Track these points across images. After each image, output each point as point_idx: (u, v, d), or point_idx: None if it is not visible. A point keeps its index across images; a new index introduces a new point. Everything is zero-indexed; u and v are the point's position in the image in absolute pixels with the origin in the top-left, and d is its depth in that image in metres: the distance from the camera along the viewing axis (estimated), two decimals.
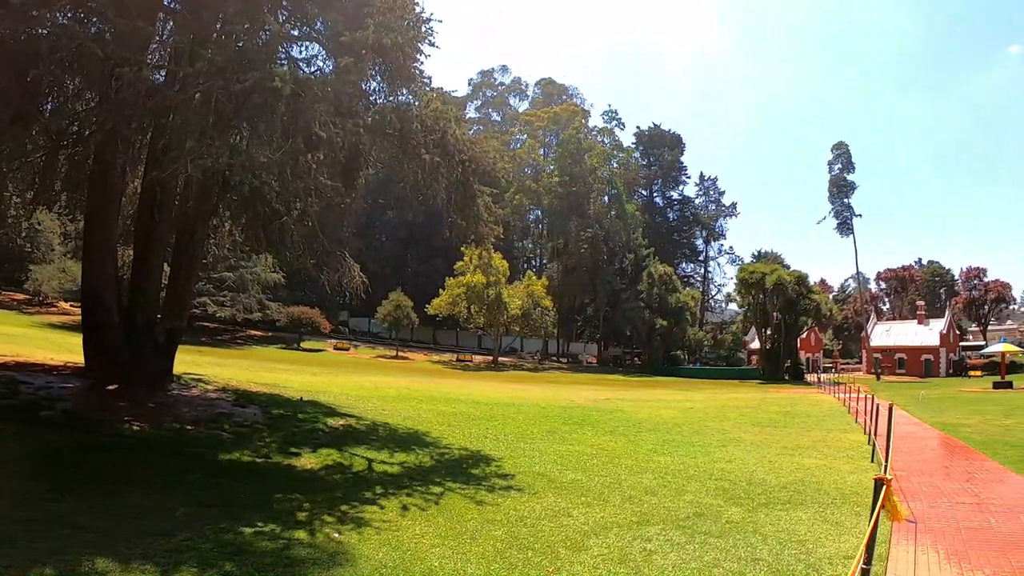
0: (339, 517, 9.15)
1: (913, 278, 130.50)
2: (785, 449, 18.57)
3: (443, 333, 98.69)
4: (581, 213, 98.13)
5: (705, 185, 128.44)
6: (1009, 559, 8.60)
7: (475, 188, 19.07)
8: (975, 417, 30.29)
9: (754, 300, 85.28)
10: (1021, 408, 33.86)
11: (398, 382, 36.01)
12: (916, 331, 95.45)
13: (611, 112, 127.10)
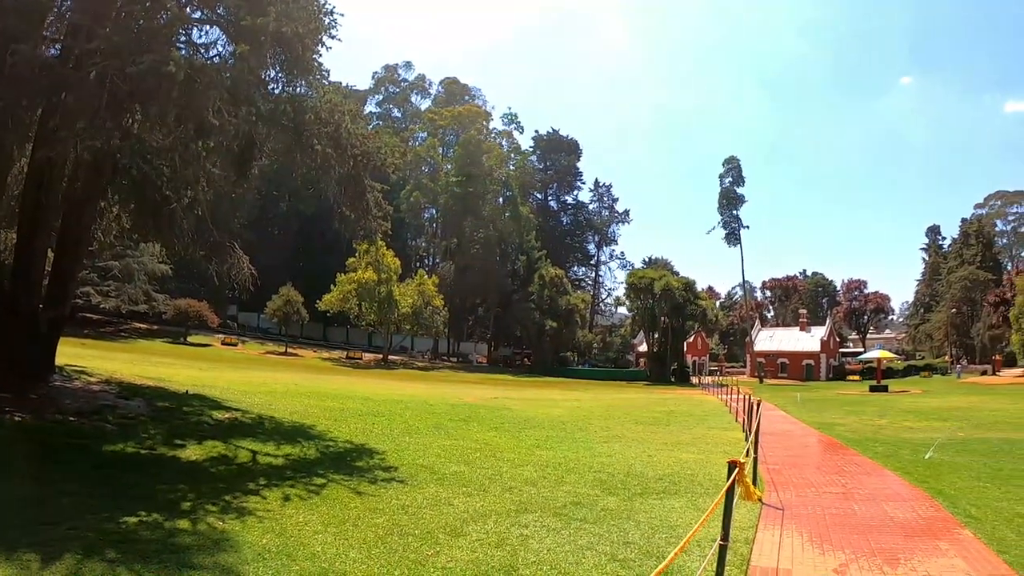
0: (223, 506, 9.17)
1: (797, 288, 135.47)
2: (665, 445, 19.22)
3: (333, 330, 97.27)
4: (476, 213, 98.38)
5: (599, 191, 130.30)
6: (868, 540, 9.32)
7: (366, 183, 19.02)
8: (851, 417, 31.72)
9: (643, 304, 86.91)
10: (894, 410, 35.60)
11: (286, 378, 35.64)
12: (799, 337, 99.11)
13: (511, 115, 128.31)
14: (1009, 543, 9.12)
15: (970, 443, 21.05)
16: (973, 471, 15.40)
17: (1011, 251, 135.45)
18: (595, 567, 7.70)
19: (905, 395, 52.57)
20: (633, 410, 33.01)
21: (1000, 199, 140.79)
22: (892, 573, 7.96)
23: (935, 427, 26.78)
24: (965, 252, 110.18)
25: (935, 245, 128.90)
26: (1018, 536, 9.51)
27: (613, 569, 7.67)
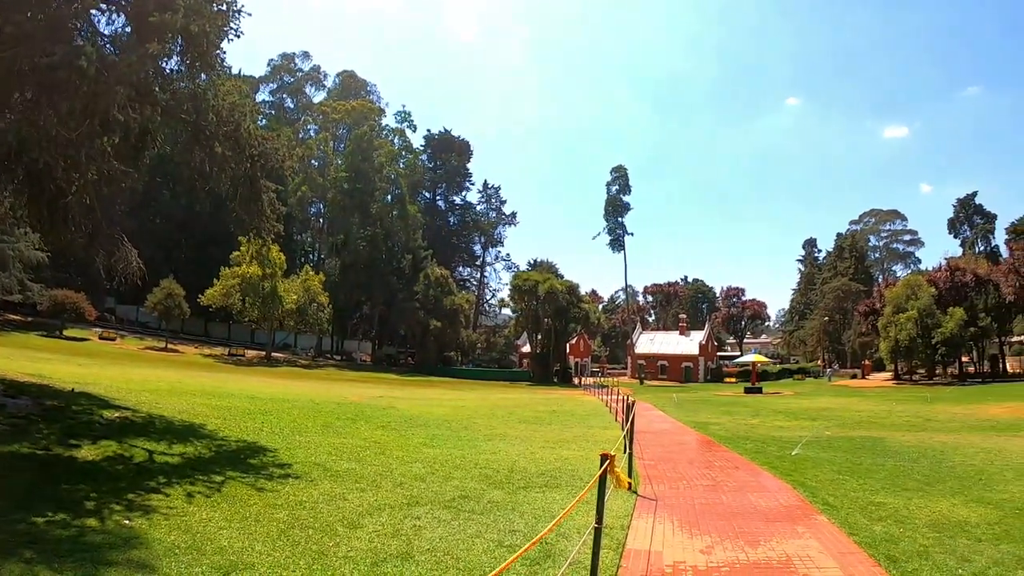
0: (127, 505, 9.36)
1: (678, 293, 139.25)
2: (547, 443, 20.01)
3: (215, 325, 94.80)
4: (364, 211, 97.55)
5: (488, 193, 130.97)
6: (733, 525, 10.44)
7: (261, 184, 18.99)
8: (725, 417, 33.12)
9: (527, 306, 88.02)
10: (766, 410, 37.28)
11: (169, 375, 35.09)
12: (678, 341, 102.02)
13: (404, 113, 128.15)
14: (860, 527, 10.37)
15: (835, 441, 22.64)
16: (835, 465, 16.78)
17: (882, 265, 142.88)
18: (484, 551, 8.40)
19: (778, 396, 54.96)
20: (516, 409, 33.73)
21: (874, 216, 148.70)
22: (752, 552, 9.03)
23: (804, 426, 28.47)
24: (839, 264, 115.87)
25: (811, 257, 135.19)
26: (869, 521, 10.78)
27: (501, 553, 8.37)
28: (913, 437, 24.09)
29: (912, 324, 70.05)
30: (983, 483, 14.82)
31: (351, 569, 7.54)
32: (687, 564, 8.56)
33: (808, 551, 9.09)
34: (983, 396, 47.25)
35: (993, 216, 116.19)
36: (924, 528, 10.41)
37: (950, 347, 70.83)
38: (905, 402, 44.92)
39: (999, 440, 22.93)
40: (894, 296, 75.74)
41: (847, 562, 8.63)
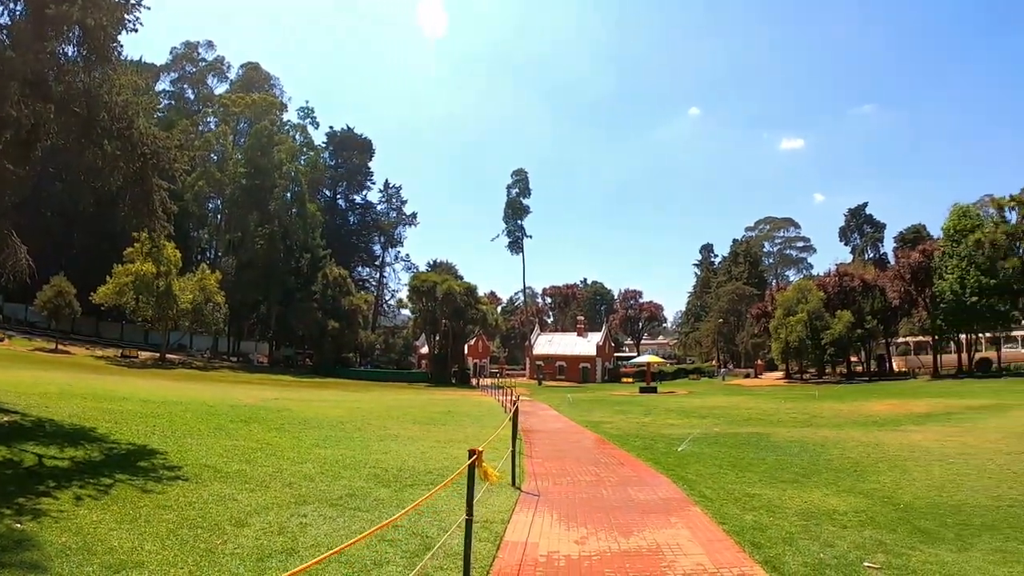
0: (17, 509, 9.31)
1: (576, 295, 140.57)
2: (439, 443, 20.30)
3: (107, 325, 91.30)
4: (262, 208, 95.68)
5: (389, 192, 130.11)
6: (610, 517, 11.00)
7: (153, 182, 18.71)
8: (618, 416, 33.82)
9: (425, 307, 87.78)
10: (659, 409, 38.16)
11: (60, 378, 34.05)
12: (576, 342, 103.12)
13: (307, 109, 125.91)
14: (731, 516, 11.07)
15: (722, 437, 23.51)
16: (717, 460, 17.56)
17: (776, 270, 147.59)
18: (366, 546, 8.64)
19: (672, 396, 56.11)
20: (412, 410, 33.87)
21: (769, 224, 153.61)
22: (624, 541, 9.59)
23: (694, 423, 29.36)
24: (734, 269, 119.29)
25: (708, 261, 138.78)
26: (741, 511, 11.49)
27: (382, 548, 8.71)
28: (797, 433, 25.14)
29: (802, 326, 73.30)
30: (856, 474, 15.76)
31: (237, 565, 7.74)
32: (560, 554, 9.05)
33: (678, 539, 9.69)
34: (868, 393, 49.18)
35: (882, 225, 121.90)
36: (793, 517, 11.15)
37: (838, 348, 74.16)
38: (794, 400, 46.43)
39: (879, 434, 24.10)
40: (785, 300, 78.85)
41: (713, 548, 9.24)
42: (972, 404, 35.05)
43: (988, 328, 69.00)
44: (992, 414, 29.90)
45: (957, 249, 67.08)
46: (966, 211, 71.37)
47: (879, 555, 9.05)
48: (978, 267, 64.72)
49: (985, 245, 64.81)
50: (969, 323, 67.20)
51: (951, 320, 67.65)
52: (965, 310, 65.22)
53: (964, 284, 65.07)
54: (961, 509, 12.17)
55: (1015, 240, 65.90)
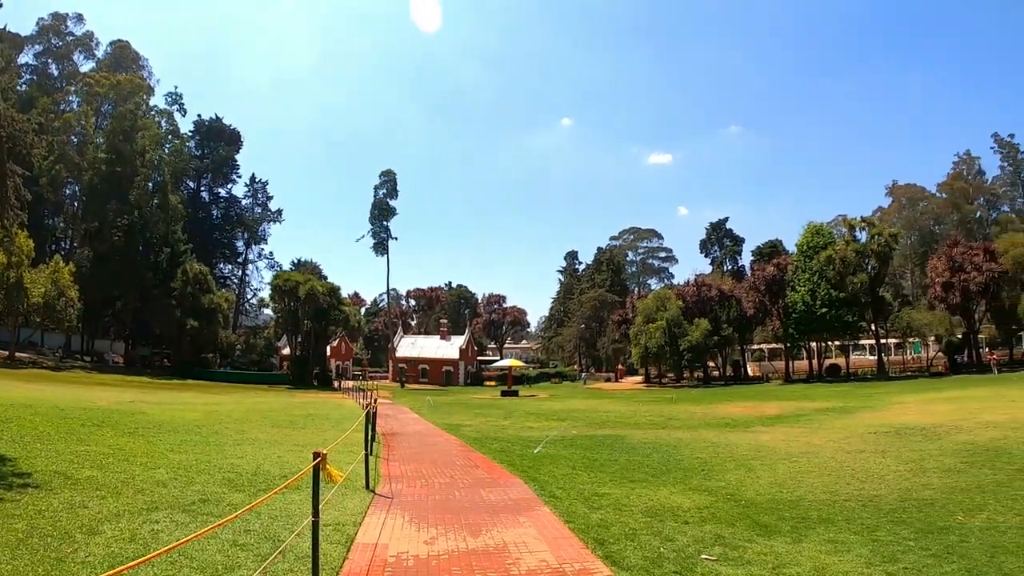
0: None
1: (440, 298, 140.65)
2: (297, 446, 20.12)
3: None
4: (122, 197, 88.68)
5: (255, 187, 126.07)
6: (460, 518, 11.23)
7: (8, 167, 18.06)
8: (478, 419, 34.13)
9: (287, 307, 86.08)
10: (519, 412, 38.60)
11: None
12: (439, 345, 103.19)
13: (176, 94, 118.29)
14: (578, 515, 11.41)
15: (579, 439, 24.08)
16: (572, 461, 18.02)
17: (638, 278, 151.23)
18: (218, 551, 8.61)
19: (533, 399, 56.82)
20: (271, 413, 33.35)
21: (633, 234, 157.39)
22: (473, 541, 9.84)
23: (552, 426, 29.89)
24: (597, 276, 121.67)
25: (572, 268, 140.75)
26: (589, 510, 11.89)
27: (234, 552, 8.67)
28: (652, 434, 25.96)
29: (661, 333, 76.16)
30: (704, 473, 16.46)
31: (88, 573, 7.59)
32: (410, 554, 9.21)
33: (525, 538, 10.00)
34: (723, 397, 51.09)
35: (741, 239, 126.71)
36: (639, 514, 11.61)
37: (696, 353, 77.55)
38: (651, 403, 47.77)
39: (730, 435, 25.15)
40: (645, 307, 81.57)
41: (558, 545, 9.57)
42: (820, 406, 36.87)
43: (837, 337, 73.97)
44: (838, 416, 31.51)
45: (810, 264, 72.86)
46: (819, 229, 76.68)
47: (716, 548, 9.56)
48: (828, 281, 70.01)
49: (836, 261, 70.04)
50: (819, 332, 72.09)
51: (802, 329, 72.47)
52: (815, 320, 70.12)
53: (815, 296, 70.31)
54: (799, 504, 12.92)
55: (864, 257, 71.19)
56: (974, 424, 23.54)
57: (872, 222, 79.11)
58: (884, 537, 10.43)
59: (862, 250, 72.04)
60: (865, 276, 70.74)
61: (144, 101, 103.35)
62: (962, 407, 30.43)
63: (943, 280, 67.64)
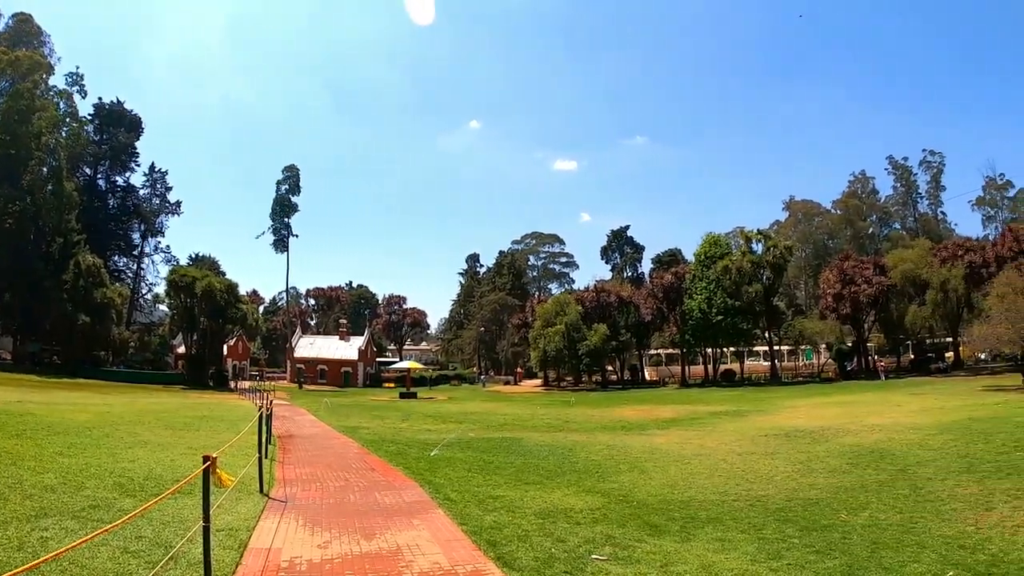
0: None
1: (340, 298, 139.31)
2: (191, 449, 19.62)
3: None
4: (14, 182, 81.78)
5: (154, 177, 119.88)
6: (354, 521, 11.15)
7: None
8: (376, 422, 33.94)
9: (183, 304, 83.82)
10: (417, 414, 38.61)
11: None
12: (338, 346, 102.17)
13: (77, 75, 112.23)
14: (472, 517, 11.45)
15: (476, 442, 24.14)
16: (467, 464, 18.08)
17: (539, 283, 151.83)
18: (109, 559, 8.35)
19: (432, 401, 56.75)
20: (165, 415, 32.45)
21: (535, 238, 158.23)
22: (367, 544, 9.78)
23: (450, 428, 29.92)
24: (498, 279, 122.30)
25: (473, 271, 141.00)
26: (482, 512, 11.94)
27: (125, 559, 8.40)
28: (549, 437, 26.19)
29: (560, 337, 77.14)
30: (598, 475, 16.68)
31: None
32: (303, 558, 9.11)
33: (418, 541, 9.98)
34: (620, 401, 51.87)
35: (642, 247, 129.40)
36: (532, 516, 11.70)
37: (594, 357, 78.84)
38: (549, 406, 48.20)
39: (625, 438, 25.54)
40: (545, 311, 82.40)
41: (451, 548, 9.58)
42: (714, 410, 37.77)
43: (732, 343, 76.36)
44: (731, 419, 32.31)
45: (707, 273, 75.63)
46: (717, 240, 79.41)
47: (607, 548, 9.69)
48: (725, 289, 72.78)
49: (732, 271, 72.74)
50: (714, 338, 74.44)
51: (698, 335, 74.78)
52: (711, 327, 72.41)
53: (711, 304, 72.83)
54: (689, 504, 13.21)
55: (759, 268, 73.85)
56: (860, 427, 24.46)
57: (768, 235, 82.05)
58: (770, 535, 10.76)
59: (758, 261, 74.77)
60: (760, 286, 73.49)
61: (43, 80, 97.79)
62: (850, 411, 31.59)
63: (834, 291, 71.22)
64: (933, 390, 42.77)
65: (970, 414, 26.12)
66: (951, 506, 12.29)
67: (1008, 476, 14.05)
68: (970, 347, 62.99)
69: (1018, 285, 42.01)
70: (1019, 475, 14.02)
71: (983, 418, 24.31)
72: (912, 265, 68.34)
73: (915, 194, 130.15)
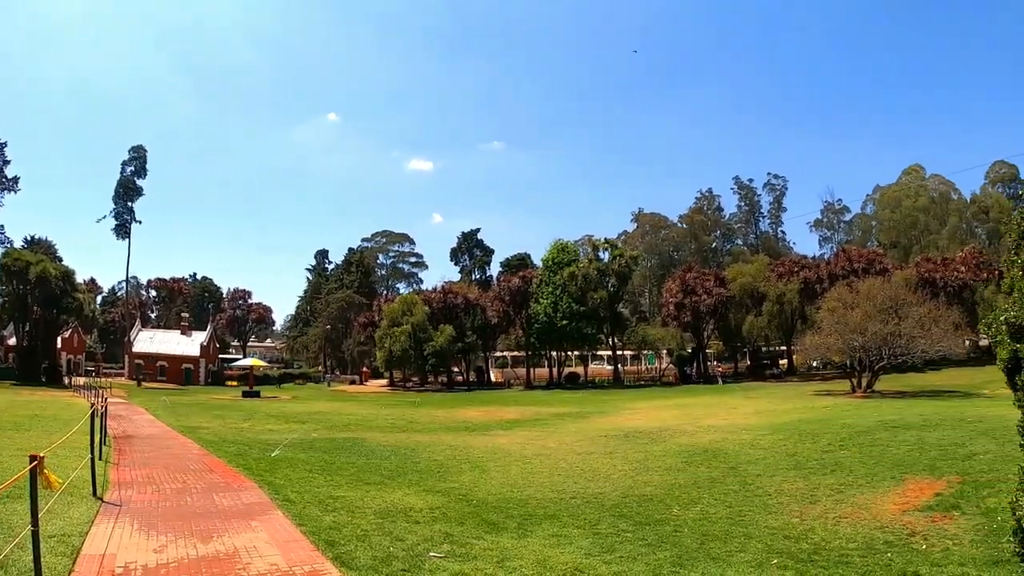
0: None
1: (183, 290, 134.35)
2: (20, 450, 18.54)
3: None
4: None
5: None
6: (191, 524, 10.77)
7: None
8: (216, 421, 33.06)
9: (15, 290, 79.30)
10: (260, 414, 37.83)
11: None
12: (179, 341, 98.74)
13: None
14: (311, 518, 11.29)
15: (319, 442, 23.87)
16: (309, 464, 17.85)
17: (387, 282, 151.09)
18: None
19: (275, 401, 55.69)
20: None
21: (386, 237, 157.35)
22: (204, 547, 9.48)
23: (293, 428, 29.49)
24: (346, 277, 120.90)
25: (321, 267, 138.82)
26: (322, 512, 11.79)
27: None
28: (392, 438, 26.13)
29: (406, 337, 77.00)
30: (440, 475, 16.77)
31: None
32: (138, 563, 8.75)
33: (256, 543, 9.77)
34: (466, 401, 52.24)
35: (491, 251, 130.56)
36: (372, 516, 11.66)
37: (440, 358, 78.90)
38: (394, 406, 48.04)
39: (468, 438, 25.74)
40: (392, 311, 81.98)
41: (289, 549, 9.44)
42: (557, 412, 38.50)
43: (576, 347, 78.57)
44: (573, 420, 33.00)
45: (554, 278, 77.65)
46: (565, 246, 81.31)
47: (445, 545, 9.75)
48: (571, 295, 74.82)
49: (579, 277, 74.91)
50: (560, 342, 76.25)
51: (544, 339, 76.52)
52: (556, 331, 74.13)
53: (557, 308, 74.64)
54: (528, 503, 13.47)
55: (605, 275, 76.30)
56: (696, 428, 25.44)
57: (615, 244, 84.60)
58: (605, 530, 11.12)
59: (604, 269, 77.09)
60: (605, 293, 75.77)
61: None
62: (687, 413, 32.80)
63: (676, 300, 74.80)
64: (767, 394, 44.96)
65: (800, 416, 27.60)
66: (778, 500, 13.04)
67: (832, 472, 14.93)
68: (803, 355, 67.48)
69: (847, 300, 44.88)
70: (842, 471, 14.91)
71: (812, 420, 25.72)
72: (751, 279, 73.20)
73: (758, 213, 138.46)
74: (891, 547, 9.61)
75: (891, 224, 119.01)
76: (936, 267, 73.43)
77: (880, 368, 41.53)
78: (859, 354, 41.59)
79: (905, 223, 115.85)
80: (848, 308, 43.42)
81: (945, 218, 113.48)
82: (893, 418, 23.28)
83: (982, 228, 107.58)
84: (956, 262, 74.72)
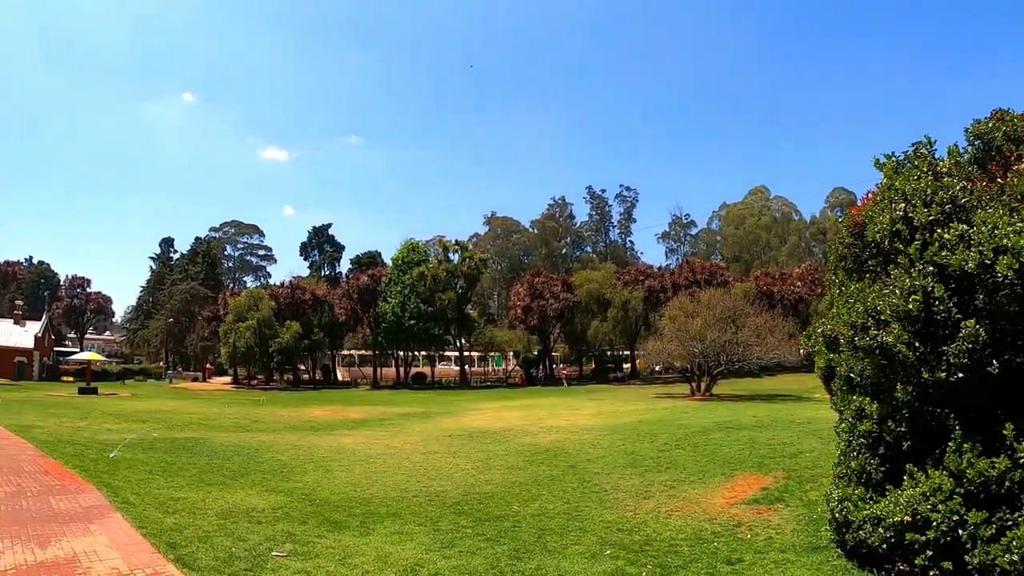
0: None
1: (17, 275, 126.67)
2: None
3: None
4: None
5: None
6: (28, 529, 10.47)
7: None
8: (52, 420, 31.73)
9: None
10: (97, 412, 36.52)
11: None
12: (12, 331, 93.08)
13: None
14: (152, 520, 11.20)
15: (159, 442, 23.28)
16: (150, 466, 17.49)
17: (234, 274, 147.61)
18: None
19: (114, 398, 53.58)
20: None
21: (235, 227, 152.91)
22: (41, 553, 9.26)
23: (133, 428, 28.61)
24: (191, 268, 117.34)
25: (166, 256, 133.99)
26: (163, 514, 11.69)
27: None
28: (236, 437, 25.76)
29: (251, 333, 75.27)
30: (283, 475, 16.76)
31: None
32: None
33: (96, 546, 9.62)
34: (312, 401, 51.74)
35: (342, 247, 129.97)
36: (213, 516, 11.65)
37: (286, 356, 77.63)
38: (238, 405, 47.15)
39: (312, 438, 25.63)
40: (237, 305, 79.99)
41: (130, 552, 9.37)
42: (403, 411, 38.71)
43: (424, 347, 79.18)
44: (419, 420, 33.28)
45: (403, 277, 78.07)
46: (415, 246, 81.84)
47: (287, 545, 9.90)
48: (419, 295, 75.39)
49: (428, 277, 75.61)
50: (407, 342, 76.75)
51: (391, 338, 76.74)
52: (404, 331, 74.52)
53: (405, 308, 75.00)
54: (371, 501, 13.67)
55: (454, 277, 77.29)
56: (539, 428, 26.12)
57: (466, 246, 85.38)
58: (445, 527, 11.46)
59: (453, 270, 77.94)
60: (454, 294, 76.69)
61: None
62: (532, 414, 33.53)
63: (524, 304, 76.34)
64: (610, 396, 46.38)
65: (640, 418, 28.66)
66: (614, 496, 13.69)
67: (667, 470, 15.73)
68: (646, 360, 70.34)
69: (689, 309, 46.99)
70: (676, 469, 15.72)
71: (651, 420, 26.79)
72: (598, 285, 75.78)
73: (608, 223, 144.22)
74: (718, 537, 10.30)
75: (735, 240, 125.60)
76: (774, 281, 78.33)
77: (718, 373, 43.73)
78: (699, 360, 43.66)
79: (748, 239, 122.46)
80: (689, 316, 45.35)
81: (786, 236, 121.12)
82: (728, 419, 24.49)
83: (819, 248, 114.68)
84: (793, 277, 79.98)
